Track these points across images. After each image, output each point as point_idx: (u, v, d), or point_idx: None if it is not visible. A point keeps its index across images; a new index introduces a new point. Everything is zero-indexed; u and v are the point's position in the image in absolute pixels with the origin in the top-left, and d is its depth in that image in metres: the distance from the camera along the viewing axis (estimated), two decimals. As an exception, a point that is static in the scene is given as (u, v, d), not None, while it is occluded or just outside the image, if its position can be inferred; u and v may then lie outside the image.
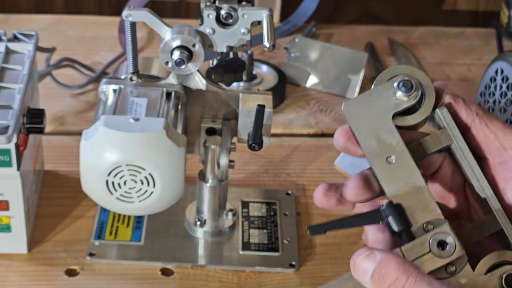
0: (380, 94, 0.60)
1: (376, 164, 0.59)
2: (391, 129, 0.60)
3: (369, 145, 0.59)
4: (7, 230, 0.92)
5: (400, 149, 0.59)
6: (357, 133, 0.60)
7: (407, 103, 0.60)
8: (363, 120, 0.60)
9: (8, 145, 0.85)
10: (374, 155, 0.59)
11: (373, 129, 0.59)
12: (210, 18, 0.88)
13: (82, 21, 1.45)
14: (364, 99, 0.60)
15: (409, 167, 0.59)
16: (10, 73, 0.94)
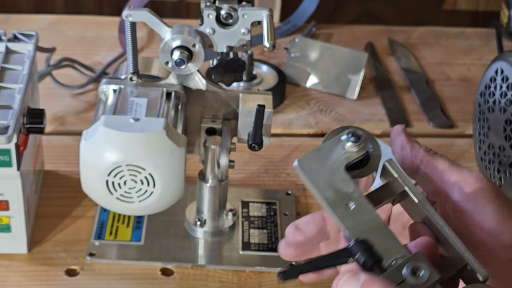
0: (330, 149, 0.63)
1: (337, 212, 0.60)
2: (345, 178, 0.61)
3: (326, 195, 0.61)
4: (7, 230, 0.92)
5: (357, 196, 0.61)
6: (313, 186, 0.61)
7: (356, 153, 0.62)
8: (318, 173, 0.62)
9: (8, 145, 0.85)
10: (333, 204, 0.61)
11: (328, 180, 0.61)
12: (210, 18, 0.88)
13: (82, 21, 1.45)
14: (316, 155, 0.63)
15: (368, 211, 0.60)
16: (10, 73, 0.94)
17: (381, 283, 0.56)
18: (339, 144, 0.63)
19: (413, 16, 1.60)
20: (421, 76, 1.36)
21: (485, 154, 1.09)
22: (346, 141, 0.62)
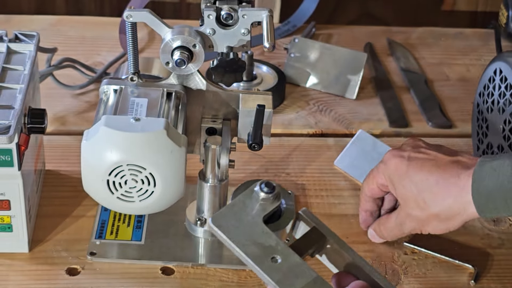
0: (244, 203, 0.61)
1: (263, 267, 0.58)
2: (266, 231, 0.59)
3: (250, 251, 0.58)
4: (9, 230, 0.93)
5: (281, 248, 0.58)
6: (233, 243, 0.59)
7: (272, 204, 0.61)
8: (236, 229, 0.59)
9: (10, 145, 0.86)
10: (258, 259, 0.58)
11: (249, 235, 0.59)
12: (210, 19, 0.88)
13: (83, 22, 1.45)
14: (230, 210, 0.61)
15: (296, 262, 0.58)
16: (11, 73, 0.94)
17: None
18: (252, 197, 0.61)
19: (412, 16, 1.61)
20: (420, 76, 1.36)
21: (484, 154, 1.09)
22: (259, 192, 0.60)
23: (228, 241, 0.59)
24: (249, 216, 0.60)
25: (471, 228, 1.03)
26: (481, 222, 1.04)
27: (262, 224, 0.59)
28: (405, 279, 0.95)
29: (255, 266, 0.58)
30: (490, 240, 1.02)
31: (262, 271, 0.57)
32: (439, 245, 0.99)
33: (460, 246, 1.00)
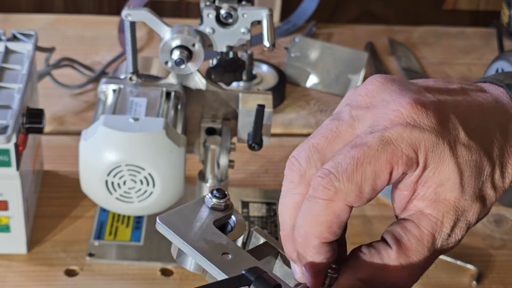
0: (194, 209, 0.59)
1: (214, 261, 0.55)
2: (216, 232, 0.57)
3: (199, 246, 0.56)
4: (6, 230, 0.92)
5: (233, 247, 0.56)
6: (182, 239, 0.56)
7: (222, 213, 0.59)
8: (185, 227, 0.57)
9: (7, 145, 0.85)
10: (208, 253, 0.55)
11: (199, 234, 0.57)
12: (210, 18, 0.87)
13: (81, 21, 1.44)
14: (179, 213, 0.59)
15: (249, 260, 0.55)
16: (9, 73, 0.94)
17: None
18: (203, 204, 0.59)
19: (414, 15, 1.60)
20: (421, 75, 1.36)
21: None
22: (210, 198, 0.59)
23: (176, 237, 0.56)
24: (199, 219, 0.58)
25: (472, 229, 1.02)
26: (483, 223, 1.03)
27: (213, 226, 0.57)
28: (406, 280, 0.94)
29: (205, 259, 0.55)
30: (492, 240, 1.01)
31: (213, 263, 0.54)
32: (440, 246, 0.99)
33: (461, 246, 1.00)
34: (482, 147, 0.51)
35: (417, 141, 0.50)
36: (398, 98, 0.51)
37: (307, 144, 0.53)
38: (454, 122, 0.51)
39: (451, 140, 0.50)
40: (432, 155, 0.50)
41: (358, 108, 0.52)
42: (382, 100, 0.52)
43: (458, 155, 0.50)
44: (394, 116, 0.50)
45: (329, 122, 0.52)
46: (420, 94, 0.52)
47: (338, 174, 0.50)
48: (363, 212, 1.05)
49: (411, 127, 0.50)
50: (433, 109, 0.51)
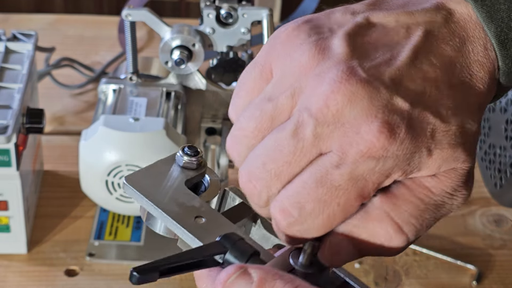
0: (164, 167, 0.54)
1: (186, 226, 0.50)
2: (188, 193, 0.52)
3: (170, 209, 0.51)
4: (7, 230, 0.92)
5: (206, 210, 0.51)
6: (150, 201, 0.51)
7: (195, 171, 0.54)
8: (154, 189, 0.52)
9: (8, 145, 0.85)
10: (180, 217, 0.50)
11: (169, 195, 0.52)
12: (210, 18, 0.87)
13: (81, 21, 1.44)
14: (147, 172, 0.54)
15: (224, 223, 0.51)
16: (9, 73, 0.93)
17: (284, 278, 0.45)
18: (174, 163, 0.54)
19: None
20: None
21: (485, 154, 1.09)
22: (182, 156, 0.54)
23: (144, 199, 0.51)
24: (170, 180, 0.53)
25: (472, 229, 1.03)
26: (483, 223, 1.03)
27: (184, 187, 0.52)
28: (406, 280, 0.94)
29: (176, 224, 0.50)
30: (492, 240, 1.01)
31: (185, 228, 0.50)
32: (440, 246, 0.99)
33: (461, 247, 1.00)
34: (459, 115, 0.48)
35: (390, 169, 0.46)
36: (367, 121, 0.45)
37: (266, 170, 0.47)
38: (428, 119, 0.47)
39: (428, 141, 0.47)
40: (409, 167, 0.47)
41: (324, 125, 0.46)
42: (351, 118, 0.45)
43: (441, 145, 0.47)
44: (365, 148, 0.45)
45: (289, 142, 0.46)
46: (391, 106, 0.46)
47: (301, 217, 0.46)
48: (363, 212, 1.05)
49: (384, 159, 0.46)
50: (405, 127, 0.46)
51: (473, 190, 1.14)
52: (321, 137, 0.46)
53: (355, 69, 0.46)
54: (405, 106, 0.46)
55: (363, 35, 0.48)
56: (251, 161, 0.48)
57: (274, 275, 0.45)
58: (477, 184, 1.09)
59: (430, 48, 0.48)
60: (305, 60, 0.47)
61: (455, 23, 0.49)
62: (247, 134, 0.48)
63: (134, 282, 0.45)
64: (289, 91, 0.47)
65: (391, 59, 0.47)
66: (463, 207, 1.05)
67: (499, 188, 1.03)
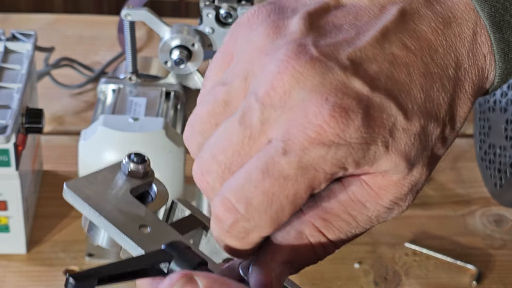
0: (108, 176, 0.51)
1: (130, 234, 0.47)
2: (133, 202, 0.50)
3: (113, 217, 0.48)
4: (6, 230, 0.92)
5: (152, 219, 0.49)
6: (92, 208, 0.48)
7: (141, 180, 0.51)
8: (97, 195, 0.49)
9: (7, 145, 0.85)
10: (124, 226, 0.48)
11: (113, 203, 0.49)
12: (209, 18, 0.87)
13: (81, 21, 1.44)
14: (91, 179, 0.51)
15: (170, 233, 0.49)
16: (8, 73, 0.93)
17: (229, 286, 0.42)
18: (119, 171, 0.51)
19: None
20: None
21: (485, 154, 1.08)
22: (127, 163, 0.51)
23: (85, 206, 0.48)
24: (114, 188, 0.50)
25: (472, 229, 1.02)
26: (483, 223, 1.03)
27: (130, 195, 0.50)
28: (406, 280, 0.94)
29: (119, 232, 0.47)
30: (492, 240, 1.01)
31: (128, 237, 0.47)
32: (440, 246, 0.99)
33: (461, 247, 1.00)
34: (426, 114, 0.42)
35: (343, 158, 0.41)
36: (317, 103, 0.40)
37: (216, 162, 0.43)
38: (390, 110, 0.41)
39: (386, 135, 0.41)
40: (364, 160, 0.42)
41: (271, 109, 0.41)
42: (299, 101, 0.41)
43: (398, 145, 0.42)
44: (314, 134, 0.40)
45: (237, 130, 0.42)
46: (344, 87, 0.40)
47: (248, 213, 0.42)
48: (363, 212, 1.05)
49: (336, 146, 0.40)
50: (362, 113, 0.41)
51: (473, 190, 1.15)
52: (268, 122, 0.41)
53: (307, 47, 0.41)
54: (364, 90, 0.41)
55: (328, 15, 0.43)
56: (203, 153, 0.44)
57: (222, 284, 0.41)
58: (477, 184, 1.08)
59: (405, 28, 0.42)
60: (259, 40, 0.43)
61: (441, 3, 0.43)
62: (201, 120, 0.44)
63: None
64: (243, 74, 0.43)
65: (354, 38, 0.42)
66: (463, 207, 1.05)
67: (499, 188, 1.03)
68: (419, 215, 1.03)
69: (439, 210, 1.05)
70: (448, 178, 1.09)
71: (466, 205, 1.05)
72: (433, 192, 1.07)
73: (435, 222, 1.03)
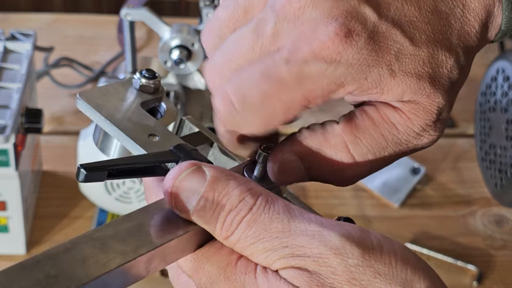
0: (119, 89, 0.53)
1: (139, 141, 0.49)
2: (143, 113, 0.51)
3: (124, 125, 0.49)
4: (5, 231, 0.92)
5: (161, 129, 0.50)
6: (103, 117, 0.50)
7: (152, 95, 0.53)
8: (109, 105, 0.51)
9: (6, 145, 0.85)
10: (133, 133, 0.49)
11: (124, 114, 0.50)
12: (209, 17, 0.87)
13: (80, 20, 1.44)
14: (102, 91, 0.52)
15: (177, 142, 0.50)
16: (8, 73, 0.93)
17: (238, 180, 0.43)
18: (131, 85, 0.53)
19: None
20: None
21: (486, 154, 1.08)
22: (139, 79, 0.53)
23: (97, 115, 0.50)
24: (125, 100, 0.52)
25: (473, 229, 1.02)
26: (483, 223, 1.03)
27: (140, 108, 0.51)
28: (406, 281, 0.94)
29: (129, 140, 0.48)
30: (492, 241, 1.01)
31: (137, 144, 0.48)
32: (441, 246, 0.99)
33: (462, 247, 1.00)
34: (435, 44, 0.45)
35: (342, 77, 0.43)
36: (327, 22, 0.42)
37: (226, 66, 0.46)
38: (395, 37, 0.43)
39: (392, 59, 0.43)
40: (366, 82, 0.43)
41: (284, 21, 0.44)
42: (311, 18, 0.43)
43: (405, 68, 0.44)
44: (318, 48, 0.42)
45: (249, 37, 0.45)
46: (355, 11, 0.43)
47: (241, 107, 0.44)
48: (363, 212, 1.04)
49: (336, 64, 0.42)
50: (366, 37, 0.43)
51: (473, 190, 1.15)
52: (280, 34, 0.44)
53: None
54: (372, 17, 0.43)
55: None
56: (216, 55, 0.47)
57: (228, 175, 0.43)
58: (477, 184, 1.08)
59: None
60: None
61: None
62: (219, 23, 0.47)
63: (82, 179, 0.44)
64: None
65: None
66: (464, 208, 1.05)
67: (500, 188, 1.03)
68: (420, 215, 1.03)
69: (440, 210, 1.05)
70: (449, 178, 1.09)
71: (466, 205, 1.05)
72: (434, 192, 1.07)
73: (436, 222, 1.03)
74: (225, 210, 0.42)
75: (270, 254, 0.41)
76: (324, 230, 0.41)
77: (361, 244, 0.41)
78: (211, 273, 0.43)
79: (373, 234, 0.42)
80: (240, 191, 0.42)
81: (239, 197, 0.42)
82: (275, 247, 0.41)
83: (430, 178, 1.09)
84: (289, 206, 0.42)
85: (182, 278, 0.46)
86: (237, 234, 0.42)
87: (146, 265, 0.41)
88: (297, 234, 0.41)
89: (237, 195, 0.42)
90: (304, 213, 0.42)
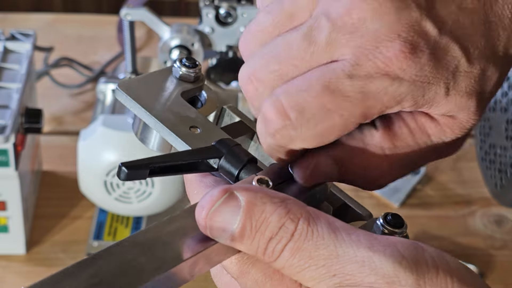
0: (159, 77, 0.51)
1: (180, 133, 0.47)
2: (184, 104, 0.50)
3: (164, 117, 0.48)
4: (5, 231, 0.92)
5: (201, 121, 0.49)
6: (143, 108, 0.48)
7: (192, 84, 0.52)
8: (148, 96, 0.49)
9: (6, 145, 0.85)
10: (174, 125, 0.48)
11: (163, 104, 0.49)
12: (209, 17, 0.87)
13: (80, 20, 1.44)
14: (142, 80, 0.51)
15: (220, 135, 0.48)
16: (8, 73, 0.93)
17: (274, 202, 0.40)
18: (171, 74, 0.51)
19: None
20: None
21: (486, 154, 1.08)
22: (179, 67, 0.51)
23: (137, 106, 0.48)
24: (165, 90, 0.50)
25: (473, 229, 1.02)
26: (483, 223, 1.03)
27: (180, 98, 0.50)
28: (406, 280, 0.94)
29: (170, 133, 0.47)
30: (493, 241, 1.01)
31: (178, 136, 0.47)
32: (441, 247, 0.99)
33: (462, 247, 1.00)
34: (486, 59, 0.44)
35: (403, 94, 0.42)
36: (391, 37, 0.41)
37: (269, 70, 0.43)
38: (454, 52, 0.43)
39: (449, 76, 0.43)
40: (422, 99, 0.43)
41: (341, 31, 0.42)
42: (372, 31, 0.41)
43: (459, 87, 0.43)
44: (383, 65, 0.41)
45: (300, 43, 0.43)
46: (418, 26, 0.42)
47: (298, 122, 0.42)
48: (363, 212, 1.04)
49: (400, 81, 0.41)
50: (429, 53, 0.42)
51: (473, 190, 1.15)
52: (335, 44, 0.42)
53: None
54: (433, 32, 0.42)
55: None
56: (256, 59, 0.44)
57: (263, 197, 0.40)
58: (477, 184, 1.08)
59: None
60: None
61: None
62: (262, 28, 0.44)
63: (123, 178, 0.42)
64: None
65: None
66: (464, 208, 1.05)
67: (500, 188, 1.03)
68: (420, 215, 1.03)
69: (440, 210, 1.05)
70: (449, 178, 1.09)
71: (466, 205, 1.05)
72: (434, 192, 1.07)
73: (436, 222, 1.03)
74: (265, 238, 0.39)
75: (318, 283, 0.40)
76: (374, 256, 0.39)
77: (415, 269, 0.39)
78: (256, 279, 0.42)
79: (428, 252, 0.40)
80: (279, 216, 0.39)
81: (279, 224, 0.39)
82: (322, 276, 0.39)
83: (430, 178, 1.09)
84: (333, 226, 0.40)
85: (225, 278, 0.45)
86: (281, 262, 0.40)
87: (190, 269, 0.40)
88: (345, 261, 0.39)
89: (276, 221, 0.39)
90: (351, 232, 0.40)
